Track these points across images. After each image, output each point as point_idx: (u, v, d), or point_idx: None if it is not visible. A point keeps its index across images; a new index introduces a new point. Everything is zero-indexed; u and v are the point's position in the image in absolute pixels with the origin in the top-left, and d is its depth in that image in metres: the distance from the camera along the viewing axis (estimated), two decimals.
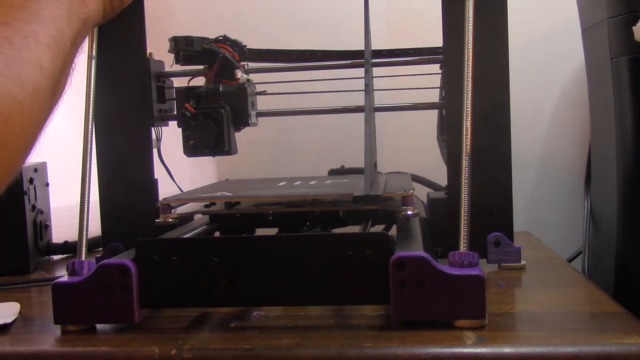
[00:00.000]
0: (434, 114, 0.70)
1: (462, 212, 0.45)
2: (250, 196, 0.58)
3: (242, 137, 0.61)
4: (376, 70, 0.62)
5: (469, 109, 0.47)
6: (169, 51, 0.60)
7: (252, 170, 0.92)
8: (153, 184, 0.60)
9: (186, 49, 0.59)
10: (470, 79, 0.48)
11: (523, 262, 0.59)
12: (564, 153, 0.91)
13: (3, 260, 0.69)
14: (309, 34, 0.91)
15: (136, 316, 0.44)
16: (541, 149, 0.91)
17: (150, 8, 0.59)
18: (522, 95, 0.84)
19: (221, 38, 0.60)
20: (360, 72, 0.54)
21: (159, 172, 0.62)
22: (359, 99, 0.55)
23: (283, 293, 0.44)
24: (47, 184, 0.79)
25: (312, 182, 0.65)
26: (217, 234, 0.62)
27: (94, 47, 0.53)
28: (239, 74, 0.59)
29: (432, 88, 0.66)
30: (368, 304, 0.47)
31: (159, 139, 0.63)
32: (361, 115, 0.51)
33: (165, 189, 0.64)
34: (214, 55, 0.59)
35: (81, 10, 0.42)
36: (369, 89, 0.51)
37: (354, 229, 0.59)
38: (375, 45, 0.60)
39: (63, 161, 0.78)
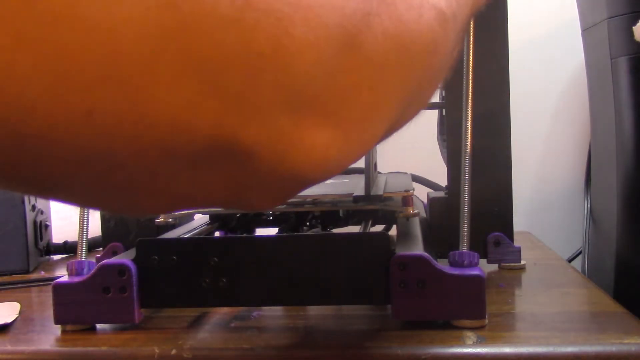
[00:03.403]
0: (434, 114, 0.70)
1: (462, 212, 0.45)
2: None
3: None
4: None
5: (469, 109, 0.47)
6: None
7: None
8: None
9: None
10: (470, 79, 0.48)
11: (523, 262, 0.59)
12: (564, 153, 0.91)
13: (3, 260, 0.69)
14: None
15: (136, 316, 0.44)
16: (541, 149, 0.92)
17: None
18: (522, 95, 0.84)
19: None
20: None
21: None
22: None
23: (283, 293, 0.44)
24: None
25: None
26: (217, 234, 0.62)
27: None
28: None
29: None
30: (368, 304, 0.47)
31: None
32: None
33: None
34: None
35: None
36: None
37: (354, 229, 0.59)
38: None
39: None
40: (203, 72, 0.16)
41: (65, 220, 0.79)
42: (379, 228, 0.63)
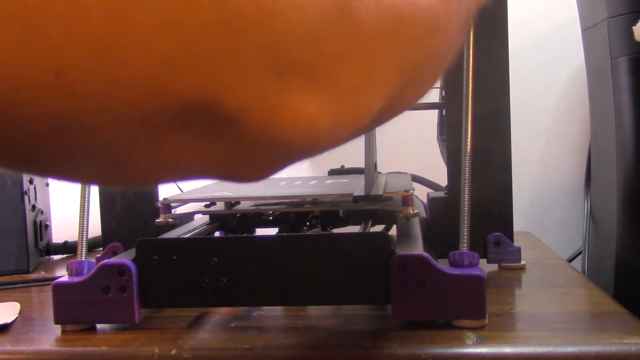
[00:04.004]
0: (434, 114, 0.70)
1: (462, 212, 0.45)
2: (250, 196, 0.58)
3: None
4: None
5: (469, 109, 0.47)
6: None
7: None
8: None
9: None
10: (470, 79, 0.48)
11: (523, 262, 0.59)
12: (564, 153, 0.91)
13: (3, 260, 0.69)
14: None
15: (136, 316, 0.44)
16: (541, 149, 0.92)
17: None
18: (522, 95, 0.84)
19: None
20: None
21: None
22: None
23: (283, 293, 0.44)
24: (47, 184, 0.79)
25: (312, 182, 0.65)
26: (217, 234, 0.62)
27: None
28: None
29: (432, 88, 0.66)
30: (368, 304, 0.47)
31: None
32: None
33: (165, 189, 0.64)
34: None
35: None
36: None
37: (354, 229, 0.59)
38: None
39: None
40: (179, 33, 0.15)
41: (65, 220, 0.79)
42: (379, 228, 0.63)
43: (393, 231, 0.59)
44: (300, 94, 0.18)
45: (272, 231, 0.60)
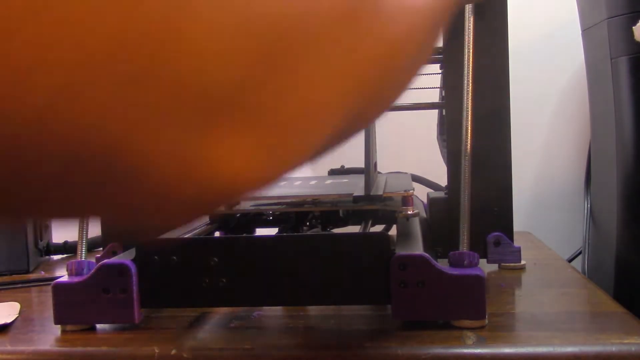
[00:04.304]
0: (434, 114, 0.70)
1: (462, 212, 0.45)
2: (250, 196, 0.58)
3: None
4: None
5: (469, 109, 0.47)
6: None
7: None
8: None
9: None
10: (470, 79, 0.48)
11: (523, 262, 0.59)
12: (564, 153, 0.91)
13: (3, 260, 0.69)
14: None
15: (136, 316, 0.44)
16: (541, 149, 0.92)
17: None
18: (522, 95, 0.84)
19: None
20: None
21: None
22: None
23: (283, 293, 0.44)
24: None
25: (312, 182, 0.65)
26: (217, 234, 0.62)
27: None
28: None
29: (432, 88, 0.66)
30: (368, 304, 0.47)
31: None
32: None
33: None
34: None
35: None
36: None
37: (354, 229, 0.59)
38: None
39: None
40: (71, 59, 0.12)
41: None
42: (379, 228, 0.63)
43: (393, 231, 0.59)
44: (224, 139, 0.15)
45: (272, 231, 0.60)
